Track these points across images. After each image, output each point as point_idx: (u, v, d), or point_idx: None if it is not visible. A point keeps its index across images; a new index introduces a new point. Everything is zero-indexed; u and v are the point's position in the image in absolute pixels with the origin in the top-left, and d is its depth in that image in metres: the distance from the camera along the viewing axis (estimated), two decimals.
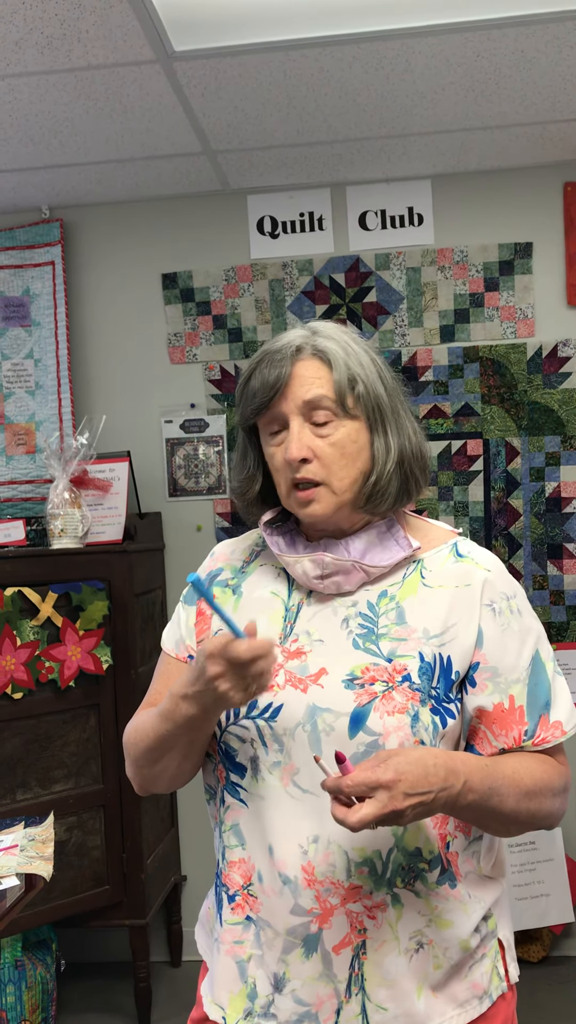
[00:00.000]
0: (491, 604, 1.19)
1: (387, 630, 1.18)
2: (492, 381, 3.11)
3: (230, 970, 1.20)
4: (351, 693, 1.14)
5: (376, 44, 2.23)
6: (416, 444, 1.23)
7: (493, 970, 1.22)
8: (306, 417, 1.19)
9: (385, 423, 1.20)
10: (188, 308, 3.22)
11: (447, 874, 1.18)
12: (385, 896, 1.15)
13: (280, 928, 1.16)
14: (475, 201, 3.12)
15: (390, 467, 1.20)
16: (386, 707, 1.13)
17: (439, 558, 1.24)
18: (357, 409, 1.19)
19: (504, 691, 1.18)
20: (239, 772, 1.20)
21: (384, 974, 1.15)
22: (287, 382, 1.19)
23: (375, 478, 1.19)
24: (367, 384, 1.19)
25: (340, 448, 1.18)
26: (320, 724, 1.14)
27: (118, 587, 2.77)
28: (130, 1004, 2.89)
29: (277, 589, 1.27)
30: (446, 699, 1.17)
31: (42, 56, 2.20)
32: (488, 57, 2.32)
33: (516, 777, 1.13)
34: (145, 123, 2.60)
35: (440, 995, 1.17)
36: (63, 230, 3.20)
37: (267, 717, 1.17)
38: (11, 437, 3.22)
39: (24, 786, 2.61)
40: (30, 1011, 2.63)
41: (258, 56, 2.25)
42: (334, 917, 1.14)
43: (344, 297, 3.16)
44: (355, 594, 1.22)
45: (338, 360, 1.19)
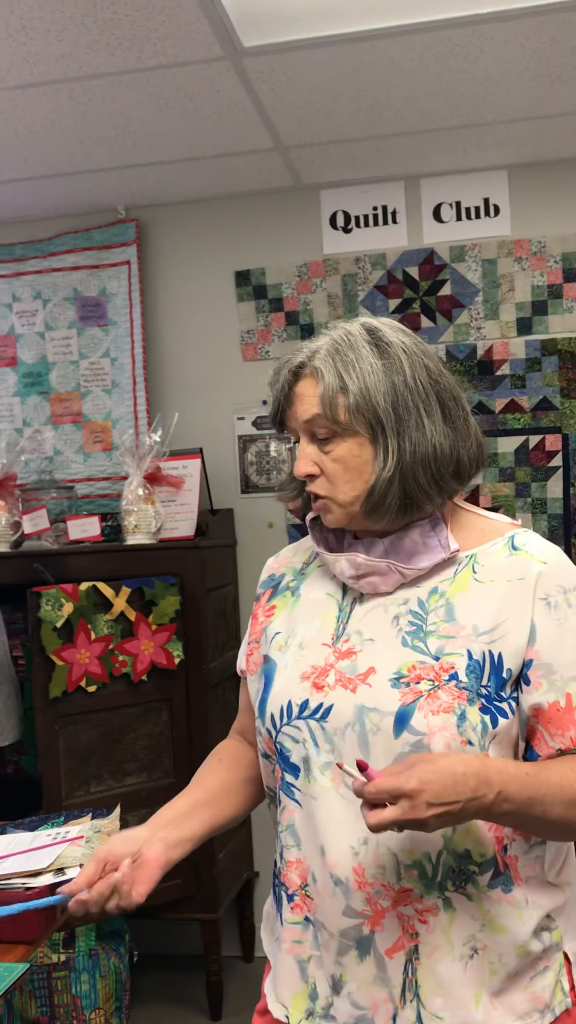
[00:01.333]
0: (546, 598, 1.15)
1: (436, 627, 1.16)
2: (571, 374, 3.03)
3: (292, 970, 1.21)
4: (397, 692, 1.13)
5: (446, 32, 2.19)
6: (431, 446, 1.16)
7: (557, 984, 1.18)
8: (310, 434, 1.19)
9: (386, 433, 1.16)
10: (261, 305, 3.22)
11: (501, 878, 1.14)
12: (436, 900, 1.13)
13: (334, 929, 1.15)
14: (553, 190, 3.04)
15: (385, 478, 1.16)
16: (431, 706, 1.11)
17: (493, 552, 1.20)
18: (356, 423, 1.16)
19: (560, 689, 1.13)
20: (293, 772, 1.19)
21: (438, 981, 1.12)
22: (292, 401, 1.20)
23: (369, 491, 1.17)
24: (365, 397, 1.15)
25: (342, 463, 1.17)
26: (368, 724, 1.13)
27: (190, 582, 2.79)
28: (202, 997, 2.91)
29: (332, 590, 1.27)
30: (497, 698, 1.13)
31: (113, 57, 2.23)
32: (564, 41, 2.26)
33: (564, 784, 1.08)
34: (216, 120, 2.61)
35: (499, 1004, 1.14)
36: (138, 230, 3.24)
37: (318, 717, 1.17)
38: (88, 435, 3.28)
39: (98, 778, 2.65)
40: (104, 1000, 2.67)
41: (326, 49, 2.24)
42: (386, 919, 1.13)
43: (418, 291, 3.12)
44: (406, 591, 1.20)
45: (327, 378, 1.16)
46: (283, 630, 1.28)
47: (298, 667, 1.22)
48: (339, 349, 1.18)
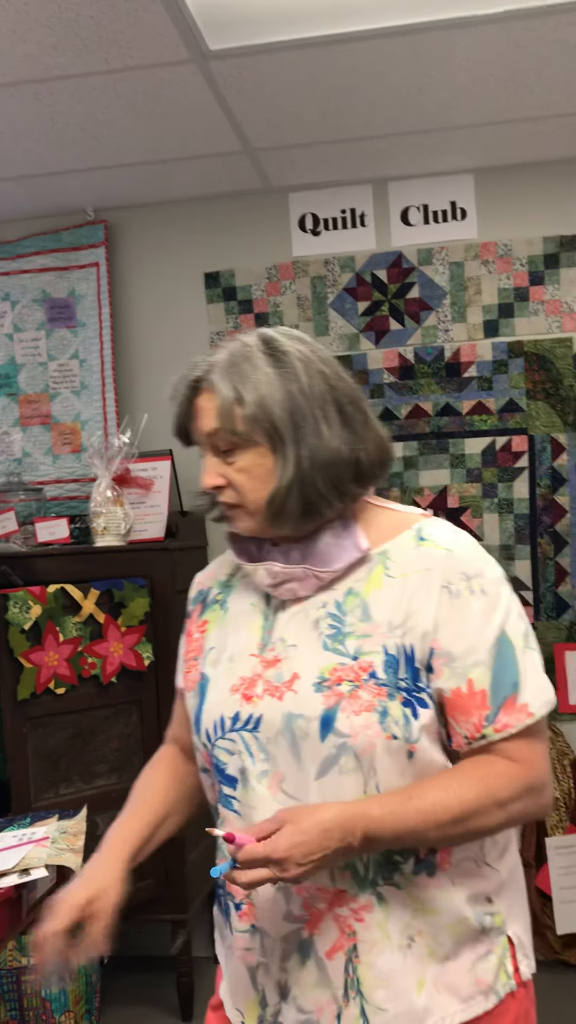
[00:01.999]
0: (448, 585, 1.16)
1: (353, 628, 1.18)
2: (537, 376, 3.06)
3: (243, 977, 1.23)
4: (320, 696, 1.15)
5: (413, 37, 2.21)
6: (335, 452, 1.17)
7: (501, 967, 1.21)
8: (214, 447, 1.20)
9: (284, 442, 1.17)
10: (230, 307, 3.23)
11: (422, 863, 1.17)
12: (370, 897, 1.15)
13: (276, 935, 1.18)
14: (519, 194, 3.07)
15: (284, 485, 1.17)
16: (352, 707, 1.13)
17: (402, 545, 1.21)
18: (255, 434, 1.17)
19: (462, 675, 1.14)
20: (231, 784, 1.21)
21: (379, 974, 1.15)
22: (193, 415, 1.22)
23: (270, 499, 1.18)
24: (259, 407, 1.16)
25: (247, 473, 1.19)
26: (296, 731, 1.15)
27: (160, 584, 2.79)
28: (172, 998, 2.91)
29: (256, 600, 1.28)
30: (416, 689, 1.15)
31: (79, 59, 2.23)
32: (528, 47, 2.29)
33: (438, 810, 1.09)
34: (184, 123, 2.62)
35: (443, 988, 1.17)
36: (107, 231, 3.24)
37: (251, 728, 1.19)
38: (57, 437, 3.27)
39: (67, 780, 2.65)
40: (74, 1002, 2.66)
41: (293, 53, 2.25)
42: (323, 922, 1.15)
43: (386, 293, 3.14)
44: (322, 596, 1.21)
45: (222, 390, 1.17)
46: (216, 644, 1.30)
47: (228, 680, 1.23)
48: (234, 362, 1.18)
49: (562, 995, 2.84)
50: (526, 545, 3.08)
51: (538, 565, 3.09)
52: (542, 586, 3.08)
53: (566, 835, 2.95)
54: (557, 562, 3.07)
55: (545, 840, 2.94)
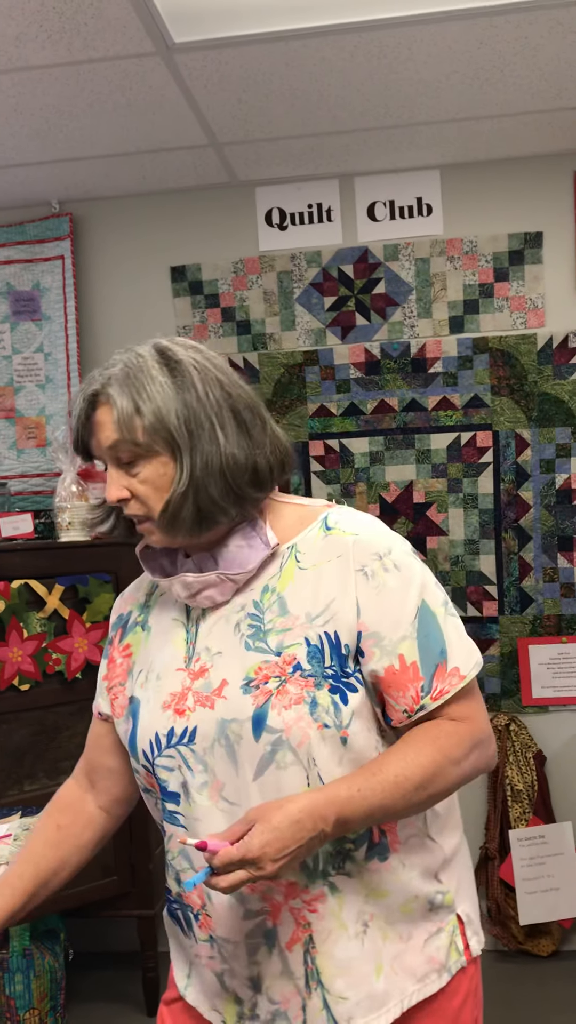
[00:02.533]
0: (362, 568, 1.18)
1: (272, 624, 1.19)
2: (502, 372, 3.09)
3: (213, 983, 1.24)
4: (249, 697, 1.16)
5: (377, 32, 2.21)
6: (230, 458, 1.18)
7: (451, 945, 1.23)
8: (116, 460, 1.20)
9: (181, 450, 1.17)
10: (197, 301, 3.22)
11: (377, 847, 1.19)
12: (322, 887, 1.16)
13: (239, 938, 1.18)
14: (484, 191, 3.09)
15: (178, 493, 1.17)
16: (282, 702, 1.14)
17: (311, 537, 1.22)
18: (155, 444, 1.17)
19: (392, 652, 1.16)
20: (174, 800, 1.22)
21: (337, 963, 1.16)
22: (92, 430, 1.20)
23: (164, 507, 1.17)
24: (156, 416, 1.16)
25: (151, 484, 1.18)
26: (231, 736, 1.16)
27: (125, 580, 2.77)
28: (138, 993, 2.91)
29: (176, 614, 1.28)
30: (344, 675, 1.17)
31: (43, 50, 2.21)
32: (491, 44, 2.30)
33: (400, 780, 1.11)
34: (149, 116, 2.61)
35: (399, 969, 1.19)
36: (72, 224, 3.21)
37: (186, 742, 1.19)
38: (22, 431, 3.25)
39: (31, 777, 2.63)
40: (38, 1000, 2.65)
41: (259, 47, 2.25)
42: (282, 913, 1.17)
43: (352, 289, 3.15)
44: (240, 597, 1.22)
45: (117, 402, 1.17)
46: (143, 666, 1.29)
47: (158, 698, 1.23)
48: (129, 373, 1.18)
49: (525, 985, 2.88)
50: (491, 540, 3.11)
51: (502, 560, 3.11)
52: (506, 580, 3.11)
53: (529, 827, 2.99)
54: (521, 557, 3.10)
55: (509, 832, 2.98)
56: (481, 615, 3.13)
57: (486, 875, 3.03)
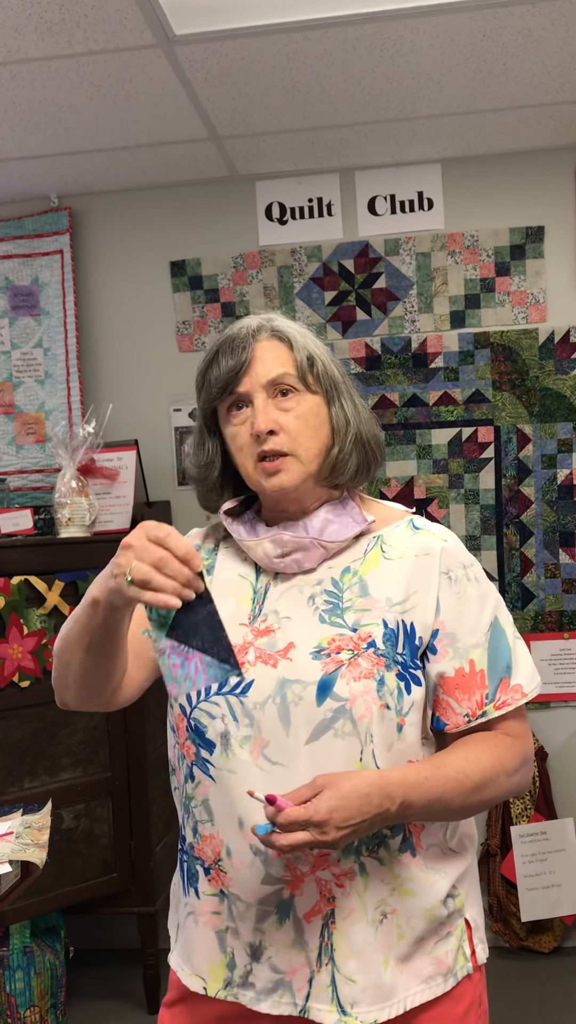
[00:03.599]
0: (448, 572, 1.23)
1: (351, 603, 1.22)
2: (503, 367, 3.07)
3: (209, 940, 1.23)
4: (318, 663, 1.18)
5: (379, 25, 2.20)
6: (368, 424, 1.29)
7: (459, 949, 1.23)
8: (269, 394, 1.24)
9: (341, 397, 1.26)
10: (196, 296, 3.21)
11: (408, 842, 1.20)
12: (353, 864, 1.17)
13: (252, 899, 1.18)
14: (485, 185, 3.08)
15: (350, 438, 1.25)
16: (352, 673, 1.16)
17: (397, 532, 1.28)
18: (317, 385, 1.25)
19: (464, 656, 1.21)
20: (208, 748, 1.21)
21: (352, 944, 1.17)
22: (250, 363, 1.24)
23: (337, 449, 1.25)
24: (324, 362, 1.26)
25: (304, 420, 1.23)
26: (289, 695, 1.17)
27: None
28: (139, 991, 2.91)
29: (244, 572, 1.30)
30: (412, 665, 1.20)
31: (43, 42, 2.19)
32: (494, 37, 2.28)
33: (462, 777, 1.15)
34: (150, 109, 2.59)
35: (405, 969, 1.19)
36: (71, 218, 3.19)
37: (238, 693, 1.20)
38: (21, 426, 3.23)
39: (32, 774, 2.62)
40: (39, 997, 2.64)
41: (260, 39, 2.23)
42: (305, 884, 1.17)
43: (353, 283, 3.13)
44: (319, 572, 1.25)
45: (296, 340, 1.25)
46: None
47: None
48: (288, 323, 1.29)
49: (526, 982, 2.87)
50: (492, 536, 3.10)
51: (504, 555, 3.10)
52: (508, 576, 3.10)
53: (531, 823, 2.98)
54: (523, 552, 3.09)
55: (510, 828, 2.97)
56: None
57: (487, 871, 3.02)
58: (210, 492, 1.34)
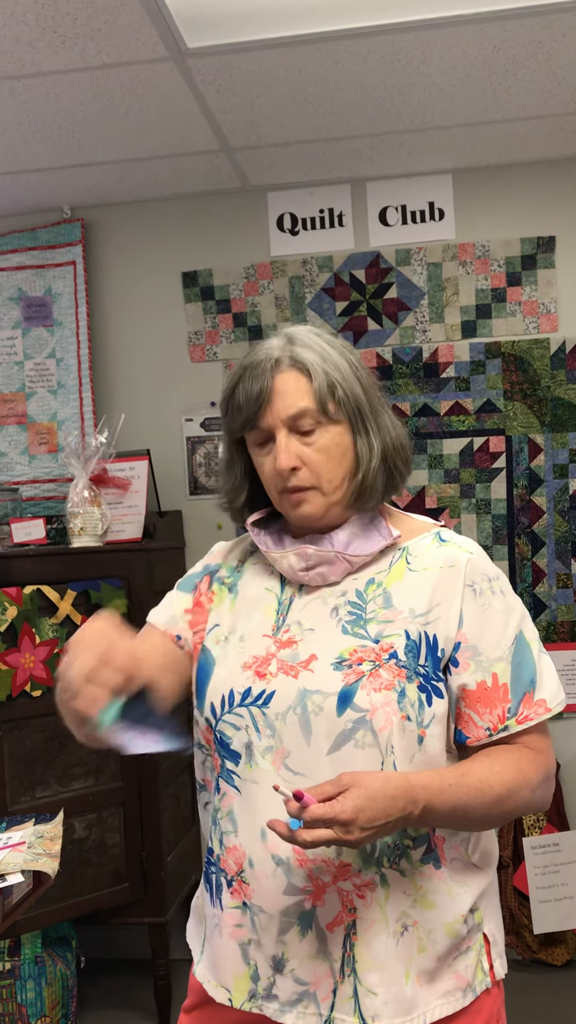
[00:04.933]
0: (473, 585, 1.23)
1: (375, 614, 1.22)
2: (515, 377, 3.07)
3: (233, 953, 1.23)
4: (339, 674, 1.18)
5: (390, 37, 2.21)
6: (396, 437, 1.27)
7: (477, 964, 1.23)
8: (291, 427, 1.23)
9: (366, 423, 1.24)
10: (208, 306, 3.22)
11: (432, 854, 1.20)
12: (374, 875, 1.17)
13: (274, 911, 1.18)
14: (497, 195, 3.08)
15: (375, 465, 1.24)
16: (373, 684, 1.16)
17: (423, 545, 1.27)
18: (339, 413, 1.23)
19: (487, 669, 1.20)
20: (234, 759, 1.22)
21: (374, 956, 1.17)
22: (269, 396, 1.23)
23: (362, 476, 1.24)
24: (346, 388, 1.23)
25: (327, 453, 1.23)
26: (310, 706, 1.17)
27: (137, 585, 2.77)
28: (150, 1001, 2.90)
29: (270, 585, 1.31)
30: (435, 677, 1.19)
31: (56, 56, 2.21)
32: (505, 49, 2.29)
33: (485, 787, 1.14)
34: (162, 121, 2.60)
35: (425, 983, 1.18)
36: (84, 230, 3.21)
37: (260, 704, 1.20)
38: (33, 436, 3.24)
39: (43, 783, 2.62)
40: (50, 1007, 2.64)
41: (271, 52, 2.24)
42: (327, 894, 1.17)
43: (364, 293, 3.14)
44: (343, 584, 1.25)
45: (316, 369, 1.22)
46: (221, 623, 1.31)
47: (239, 658, 1.25)
48: (309, 345, 1.24)
49: (539, 994, 2.85)
50: (504, 546, 3.09)
51: (516, 566, 3.10)
52: (519, 586, 3.09)
53: (543, 835, 2.96)
54: (534, 563, 3.08)
55: (522, 840, 2.95)
56: None
57: (500, 883, 3.00)
58: (239, 512, 1.36)
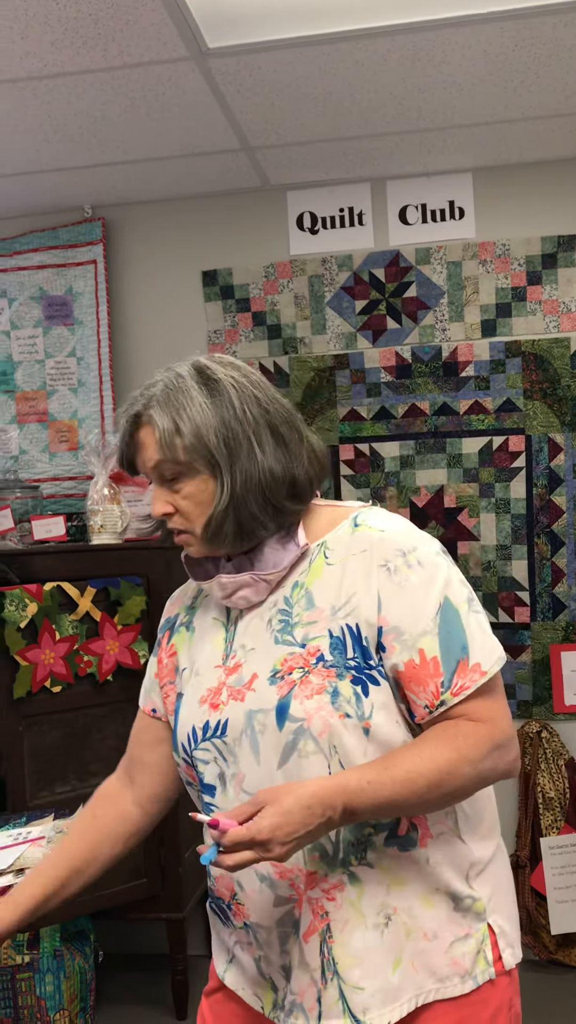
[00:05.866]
0: (385, 564, 1.20)
1: (300, 617, 1.23)
2: (534, 376, 3.06)
3: (252, 968, 1.27)
4: (275, 688, 1.19)
5: (411, 36, 2.20)
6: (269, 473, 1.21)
7: (479, 953, 1.22)
8: (160, 477, 1.24)
9: (221, 467, 1.21)
10: (228, 305, 3.23)
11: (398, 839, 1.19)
12: (341, 876, 1.18)
13: (270, 924, 1.21)
14: (517, 194, 3.07)
15: (220, 510, 1.21)
16: (304, 692, 1.17)
17: (340, 535, 1.26)
18: (195, 462, 1.21)
19: (412, 647, 1.17)
20: (210, 792, 1.25)
21: (353, 952, 1.18)
22: (137, 448, 1.25)
23: (206, 523, 1.22)
24: (195, 436, 1.20)
25: (192, 499, 1.23)
26: (256, 725, 1.19)
27: (156, 582, 2.79)
28: (167, 996, 2.91)
29: (218, 614, 1.33)
30: (367, 667, 1.18)
31: (78, 56, 2.22)
32: (526, 47, 2.28)
33: (413, 775, 1.11)
34: (183, 121, 2.61)
35: (420, 967, 1.19)
36: (105, 229, 3.23)
37: (219, 735, 1.23)
38: (54, 434, 3.27)
39: (63, 779, 2.65)
40: (68, 1001, 2.66)
41: (292, 51, 2.25)
42: (303, 903, 1.19)
43: (384, 292, 3.14)
44: (275, 594, 1.26)
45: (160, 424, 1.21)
46: (187, 665, 1.34)
47: (196, 693, 1.28)
48: (169, 394, 1.22)
49: (557, 995, 2.85)
50: (523, 545, 3.09)
51: (535, 565, 3.09)
52: (538, 586, 3.08)
53: (561, 835, 2.96)
54: (554, 562, 3.07)
55: (540, 840, 2.95)
56: (513, 621, 3.10)
57: (517, 883, 3.00)
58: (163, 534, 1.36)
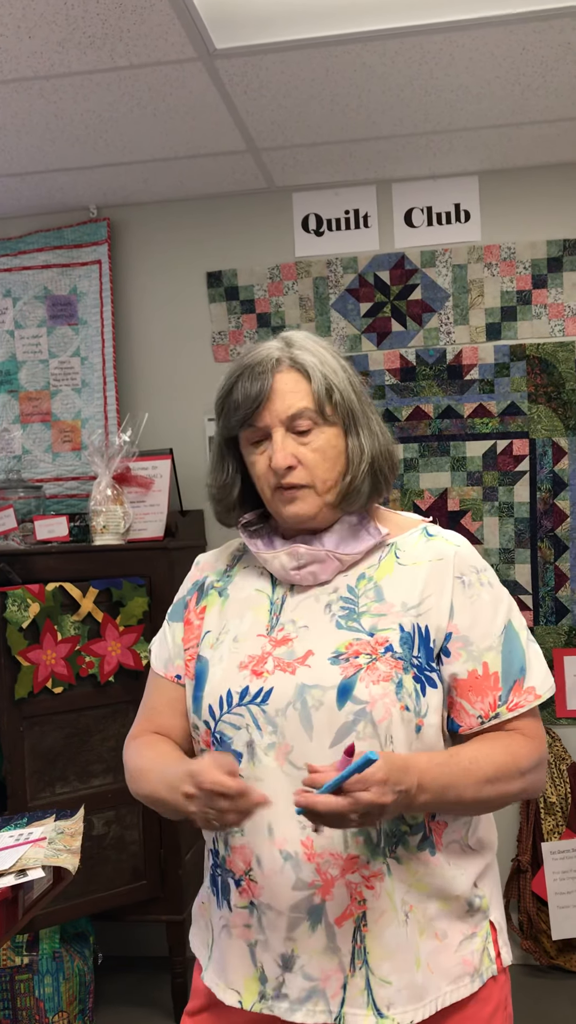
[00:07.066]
0: (461, 576, 1.26)
1: (367, 608, 1.24)
2: (539, 380, 3.06)
3: (242, 954, 1.24)
4: (337, 668, 1.20)
5: (418, 38, 2.20)
6: (384, 444, 1.30)
7: (484, 950, 1.25)
8: (288, 427, 1.25)
9: (358, 427, 1.28)
10: (232, 306, 3.22)
11: (428, 840, 1.22)
12: (381, 865, 1.19)
13: (283, 907, 1.19)
14: (523, 197, 3.07)
15: (364, 468, 1.27)
16: (371, 677, 1.18)
17: (411, 540, 1.31)
18: (335, 416, 1.26)
19: (477, 658, 1.22)
20: (236, 759, 1.23)
21: (385, 945, 1.18)
22: (268, 395, 1.25)
23: (350, 478, 1.27)
24: (342, 392, 1.26)
25: (322, 453, 1.25)
26: (310, 700, 1.19)
27: (158, 584, 2.78)
28: (166, 998, 2.91)
29: (261, 586, 1.33)
30: (428, 668, 1.22)
31: (85, 56, 2.22)
32: (533, 50, 2.28)
33: (474, 767, 1.17)
34: (189, 121, 2.61)
35: (435, 968, 1.20)
36: (110, 229, 3.23)
37: (259, 702, 1.22)
38: (57, 434, 3.26)
39: (63, 780, 2.64)
40: (67, 1002, 2.65)
41: (299, 52, 2.25)
42: (335, 888, 1.18)
43: (389, 295, 3.14)
44: (334, 581, 1.28)
45: (315, 372, 1.25)
46: (213, 628, 1.33)
47: (234, 658, 1.27)
48: (308, 348, 1.27)
49: (557, 1000, 2.84)
50: (526, 549, 3.08)
51: (538, 569, 3.08)
52: (541, 590, 3.08)
53: (562, 840, 2.95)
54: (557, 566, 3.07)
55: (541, 845, 2.94)
56: None
57: (518, 888, 2.99)
58: (229, 512, 1.37)
